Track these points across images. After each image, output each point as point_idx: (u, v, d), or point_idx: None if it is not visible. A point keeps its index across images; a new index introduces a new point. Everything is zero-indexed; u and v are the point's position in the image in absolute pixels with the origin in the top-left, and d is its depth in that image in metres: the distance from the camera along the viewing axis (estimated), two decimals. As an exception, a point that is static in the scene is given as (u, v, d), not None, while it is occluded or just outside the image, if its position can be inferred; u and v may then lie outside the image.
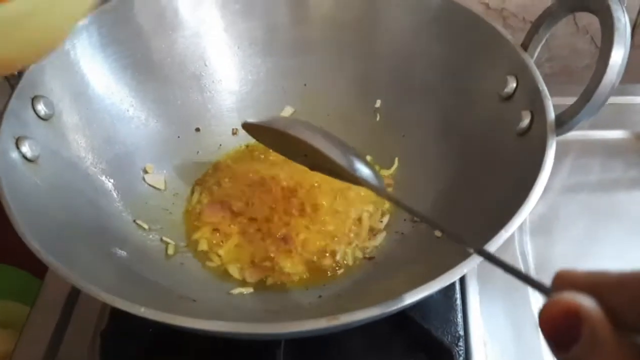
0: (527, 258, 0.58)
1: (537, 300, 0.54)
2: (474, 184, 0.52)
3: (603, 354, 0.21)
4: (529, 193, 0.42)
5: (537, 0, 0.74)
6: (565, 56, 0.80)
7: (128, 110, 0.58)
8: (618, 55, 0.43)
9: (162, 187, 0.59)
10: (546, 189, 0.43)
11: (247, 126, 0.51)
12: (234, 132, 0.64)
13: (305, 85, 0.65)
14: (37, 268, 0.55)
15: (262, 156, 0.63)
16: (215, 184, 0.60)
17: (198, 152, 0.63)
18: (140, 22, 0.58)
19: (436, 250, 0.51)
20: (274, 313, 0.50)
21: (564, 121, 0.46)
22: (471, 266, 0.38)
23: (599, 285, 0.23)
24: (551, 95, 0.49)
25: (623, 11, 0.44)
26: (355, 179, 0.44)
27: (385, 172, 0.61)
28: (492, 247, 0.39)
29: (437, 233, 0.53)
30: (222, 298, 0.51)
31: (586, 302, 0.22)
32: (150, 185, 0.58)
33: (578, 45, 0.79)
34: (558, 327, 0.22)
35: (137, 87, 0.59)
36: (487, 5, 0.75)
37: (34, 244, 0.39)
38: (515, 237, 0.59)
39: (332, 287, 0.53)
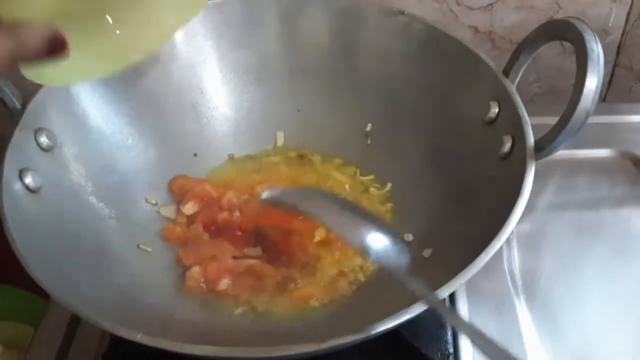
0: (515, 275, 0.59)
1: (525, 319, 0.56)
2: (462, 207, 0.54)
3: None
4: (509, 215, 0.44)
5: (524, 22, 0.76)
6: (552, 76, 0.82)
7: (127, 140, 0.60)
8: (592, 84, 0.46)
9: (173, 216, 0.60)
10: (533, 207, 0.45)
11: (264, 201, 0.51)
12: (231, 157, 0.66)
13: (298, 110, 0.67)
14: (42, 289, 0.56)
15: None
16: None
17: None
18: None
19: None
20: (267, 336, 0.52)
21: (543, 146, 0.48)
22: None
23: None
24: (538, 114, 0.51)
25: (596, 41, 0.46)
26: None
27: (379, 192, 0.63)
28: (473, 269, 0.41)
29: (425, 254, 0.54)
30: (223, 321, 0.53)
31: None
32: (165, 216, 0.60)
33: (565, 65, 0.81)
34: None
35: (135, 116, 0.61)
36: (475, 29, 0.77)
37: (38, 275, 0.41)
38: (504, 253, 0.60)
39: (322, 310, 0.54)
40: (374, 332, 0.38)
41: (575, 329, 0.55)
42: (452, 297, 0.57)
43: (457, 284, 0.41)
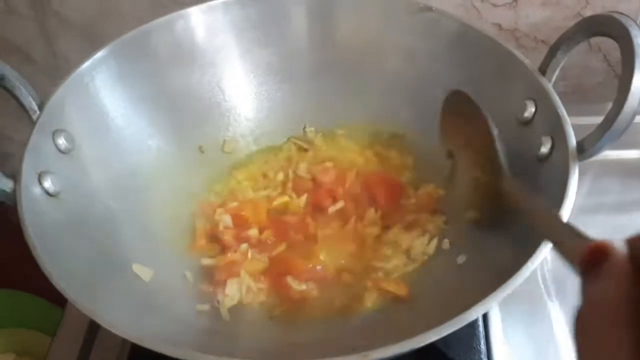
0: (547, 280, 0.58)
1: (559, 325, 0.54)
2: (502, 211, 0.52)
3: (616, 283, 0.24)
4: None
5: (549, 20, 0.74)
6: (578, 74, 0.80)
7: (148, 140, 0.59)
8: (639, 82, 0.43)
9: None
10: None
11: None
12: (250, 157, 0.65)
13: (320, 110, 0.65)
14: (58, 296, 0.55)
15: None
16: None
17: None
18: (157, 52, 0.58)
19: (460, 278, 0.51)
20: (297, 345, 0.50)
21: (586, 148, 0.46)
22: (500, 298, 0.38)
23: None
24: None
25: (643, 37, 0.44)
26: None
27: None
28: (519, 279, 0.39)
29: (460, 260, 0.52)
30: (246, 328, 0.51)
31: (616, 245, 0.26)
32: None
33: (591, 63, 0.79)
34: (590, 258, 0.27)
35: (155, 116, 0.59)
36: (499, 26, 0.75)
37: (61, 283, 0.39)
38: (535, 259, 0.59)
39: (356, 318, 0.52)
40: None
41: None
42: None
43: (502, 295, 0.39)
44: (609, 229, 0.62)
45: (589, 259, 0.27)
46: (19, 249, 0.42)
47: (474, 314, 0.37)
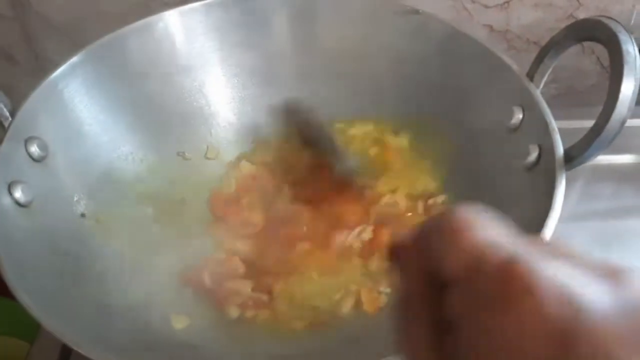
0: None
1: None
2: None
3: (409, 280, 0.24)
4: (540, 232, 0.41)
5: (541, 21, 0.73)
6: (570, 77, 0.79)
7: (125, 147, 0.57)
8: (628, 89, 0.42)
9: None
10: (555, 217, 0.42)
11: None
12: (232, 163, 0.63)
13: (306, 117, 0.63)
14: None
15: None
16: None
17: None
18: (136, 56, 0.57)
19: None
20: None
21: (573, 156, 0.45)
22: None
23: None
24: (557, 118, 0.48)
25: (632, 43, 0.43)
26: None
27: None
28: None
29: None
30: (226, 341, 0.50)
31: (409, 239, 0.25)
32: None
33: (584, 65, 0.77)
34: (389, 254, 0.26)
35: (133, 122, 0.57)
36: (491, 28, 0.74)
37: (26, 300, 0.38)
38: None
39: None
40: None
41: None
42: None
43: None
44: (601, 235, 0.61)
45: (389, 254, 0.26)
46: None
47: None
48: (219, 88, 0.62)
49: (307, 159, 0.60)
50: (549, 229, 0.41)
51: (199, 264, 0.54)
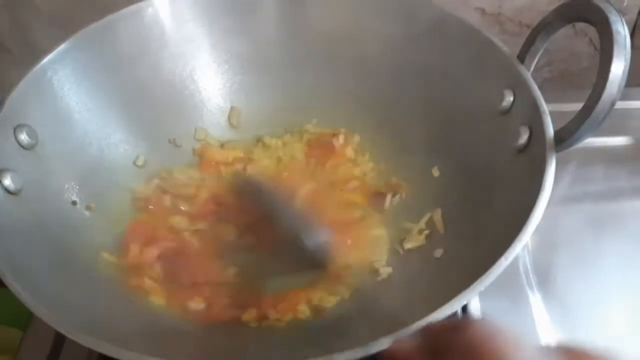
0: (529, 269, 0.57)
1: (541, 316, 0.53)
2: (478, 203, 0.51)
3: None
4: (529, 215, 0.41)
5: (534, 4, 0.72)
6: (564, 59, 0.78)
7: (115, 134, 0.57)
8: (618, 69, 0.42)
9: None
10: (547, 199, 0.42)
11: None
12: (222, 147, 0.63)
13: (296, 100, 0.63)
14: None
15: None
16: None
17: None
18: (125, 43, 0.57)
19: (438, 271, 0.50)
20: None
21: (564, 138, 0.45)
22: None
23: None
24: (551, 101, 0.48)
25: (622, 23, 0.42)
26: None
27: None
28: (493, 274, 0.38)
29: (437, 254, 0.51)
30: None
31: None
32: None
33: (577, 48, 0.77)
34: None
35: (123, 109, 0.57)
36: (483, 11, 0.73)
37: (16, 286, 0.38)
38: (517, 250, 0.58)
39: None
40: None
41: (593, 324, 0.52)
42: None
43: (477, 290, 0.38)
44: (594, 218, 0.61)
45: None
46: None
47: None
48: (210, 74, 0.62)
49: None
50: (539, 211, 0.41)
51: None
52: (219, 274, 0.53)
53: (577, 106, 0.45)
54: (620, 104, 0.68)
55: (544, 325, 0.52)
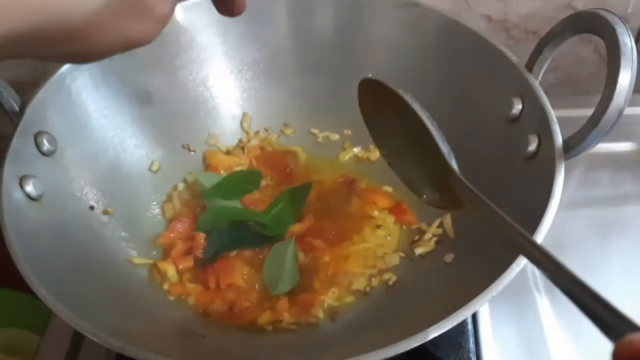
0: (536, 275, 0.57)
1: (549, 320, 0.54)
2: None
3: None
4: (539, 221, 0.42)
5: (540, 10, 0.73)
6: (569, 65, 0.79)
7: (131, 139, 0.58)
8: (625, 80, 0.43)
9: None
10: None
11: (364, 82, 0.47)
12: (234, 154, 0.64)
13: (306, 106, 0.64)
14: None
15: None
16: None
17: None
18: (140, 51, 0.57)
19: (448, 276, 0.50)
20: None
21: (572, 146, 0.46)
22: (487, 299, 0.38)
23: None
24: (556, 107, 0.48)
25: (629, 35, 0.43)
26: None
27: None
28: (505, 280, 0.39)
29: (447, 259, 0.52)
30: (232, 331, 0.51)
31: None
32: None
33: (582, 54, 0.78)
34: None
35: (140, 115, 0.58)
36: (489, 18, 0.74)
37: (42, 291, 0.39)
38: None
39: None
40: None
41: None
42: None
43: (490, 296, 0.38)
44: (599, 222, 0.62)
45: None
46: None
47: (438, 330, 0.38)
48: (223, 81, 0.63)
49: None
50: (549, 217, 0.42)
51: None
52: (244, 279, 0.54)
53: (582, 112, 0.46)
54: (626, 110, 0.70)
55: (552, 330, 0.53)
